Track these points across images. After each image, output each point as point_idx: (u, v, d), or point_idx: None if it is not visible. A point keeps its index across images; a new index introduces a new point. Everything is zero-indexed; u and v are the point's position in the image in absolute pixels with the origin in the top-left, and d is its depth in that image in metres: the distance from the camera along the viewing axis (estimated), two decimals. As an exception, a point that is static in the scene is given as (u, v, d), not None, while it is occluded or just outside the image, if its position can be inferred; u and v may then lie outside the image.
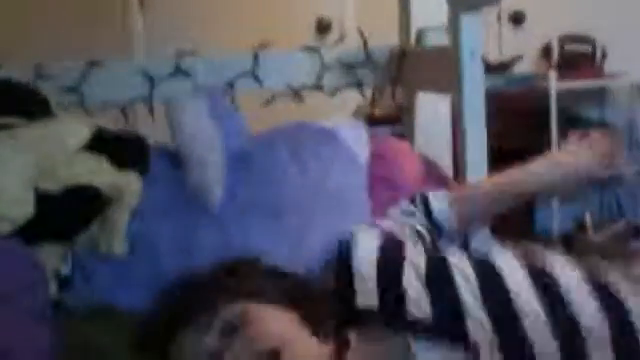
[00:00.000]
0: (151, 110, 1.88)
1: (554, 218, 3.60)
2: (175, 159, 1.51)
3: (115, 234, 1.35)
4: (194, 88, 1.86)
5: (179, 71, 1.89)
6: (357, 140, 1.57)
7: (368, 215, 1.43)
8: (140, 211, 1.39)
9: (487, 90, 1.56)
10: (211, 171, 1.44)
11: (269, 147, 1.52)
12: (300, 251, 1.34)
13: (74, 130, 1.47)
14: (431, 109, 1.92)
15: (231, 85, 1.89)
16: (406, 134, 1.97)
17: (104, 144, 1.46)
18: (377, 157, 1.56)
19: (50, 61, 1.83)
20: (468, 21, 1.51)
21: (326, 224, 1.38)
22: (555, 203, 3.56)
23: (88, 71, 1.84)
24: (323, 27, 3.60)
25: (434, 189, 1.47)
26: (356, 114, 3.42)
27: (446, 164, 1.80)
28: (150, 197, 1.41)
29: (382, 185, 1.49)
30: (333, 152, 1.50)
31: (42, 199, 1.32)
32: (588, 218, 3.55)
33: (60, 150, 1.40)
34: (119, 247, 1.35)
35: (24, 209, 1.30)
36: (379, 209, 1.42)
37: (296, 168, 1.44)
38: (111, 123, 1.65)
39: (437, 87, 1.74)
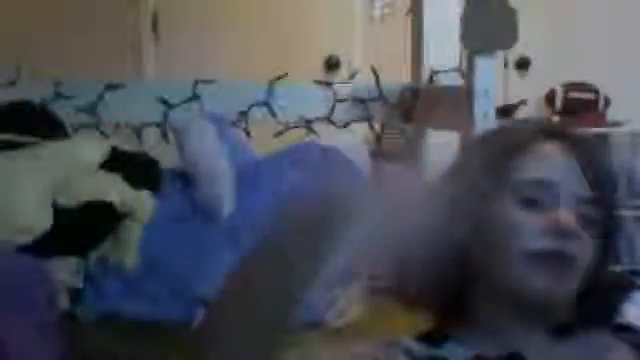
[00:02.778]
0: (165, 134, 1.91)
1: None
2: (184, 179, 1.56)
3: (127, 249, 1.40)
4: (208, 113, 1.90)
5: (195, 97, 1.92)
6: (359, 156, 1.64)
7: None
8: (152, 226, 1.43)
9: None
10: (219, 184, 1.50)
11: (276, 163, 1.59)
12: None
13: (91, 149, 1.53)
14: (439, 147, 1.95)
15: (245, 114, 1.93)
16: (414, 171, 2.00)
17: (119, 163, 1.52)
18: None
19: (68, 80, 1.88)
20: (482, 63, 1.56)
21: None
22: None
23: (105, 92, 1.87)
24: (332, 65, 3.66)
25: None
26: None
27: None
28: (162, 213, 1.46)
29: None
30: (337, 166, 1.55)
31: (59, 213, 1.37)
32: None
33: (78, 168, 1.46)
34: (131, 261, 1.39)
35: (42, 222, 1.34)
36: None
37: (303, 180, 1.50)
38: (123, 144, 1.69)
39: (448, 125, 1.77)
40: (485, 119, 1.57)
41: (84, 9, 3.33)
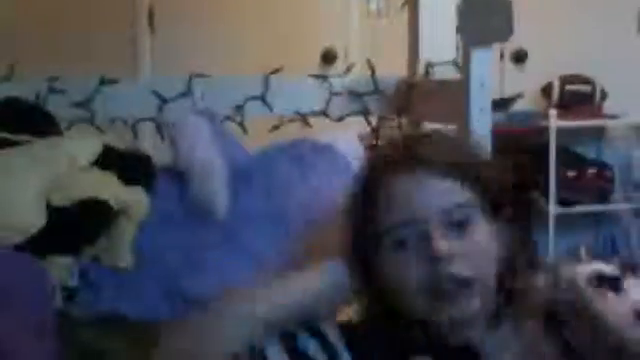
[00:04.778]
0: (159, 129, 1.90)
1: (549, 250, 3.63)
2: (178, 176, 1.55)
3: (122, 247, 1.39)
4: (201, 109, 1.89)
5: (189, 92, 1.91)
6: (353, 151, 1.64)
7: None
8: (147, 225, 1.42)
9: (488, 125, 1.59)
10: (214, 180, 1.50)
11: (270, 159, 1.60)
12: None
13: (84, 147, 1.52)
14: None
15: (240, 108, 1.92)
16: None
17: (112, 161, 1.52)
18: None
19: (62, 75, 1.87)
20: (478, 55, 1.55)
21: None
22: (550, 235, 3.59)
23: (100, 88, 1.86)
24: (329, 58, 3.65)
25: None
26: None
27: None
28: (156, 211, 1.45)
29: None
30: (331, 162, 1.56)
31: (53, 212, 1.37)
32: (583, 252, 3.58)
33: (71, 166, 1.46)
34: (125, 259, 1.38)
35: (36, 221, 1.34)
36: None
37: (297, 177, 1.51)
38: (117, 140, 1.68)
39: (444, 118, 1.77)
40: (481, 112, 1.57)
41: (80, 4, 3.32)
